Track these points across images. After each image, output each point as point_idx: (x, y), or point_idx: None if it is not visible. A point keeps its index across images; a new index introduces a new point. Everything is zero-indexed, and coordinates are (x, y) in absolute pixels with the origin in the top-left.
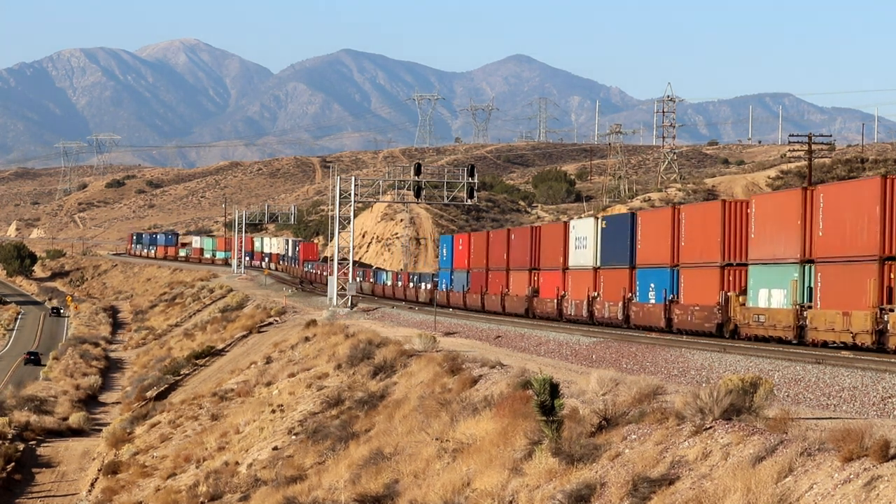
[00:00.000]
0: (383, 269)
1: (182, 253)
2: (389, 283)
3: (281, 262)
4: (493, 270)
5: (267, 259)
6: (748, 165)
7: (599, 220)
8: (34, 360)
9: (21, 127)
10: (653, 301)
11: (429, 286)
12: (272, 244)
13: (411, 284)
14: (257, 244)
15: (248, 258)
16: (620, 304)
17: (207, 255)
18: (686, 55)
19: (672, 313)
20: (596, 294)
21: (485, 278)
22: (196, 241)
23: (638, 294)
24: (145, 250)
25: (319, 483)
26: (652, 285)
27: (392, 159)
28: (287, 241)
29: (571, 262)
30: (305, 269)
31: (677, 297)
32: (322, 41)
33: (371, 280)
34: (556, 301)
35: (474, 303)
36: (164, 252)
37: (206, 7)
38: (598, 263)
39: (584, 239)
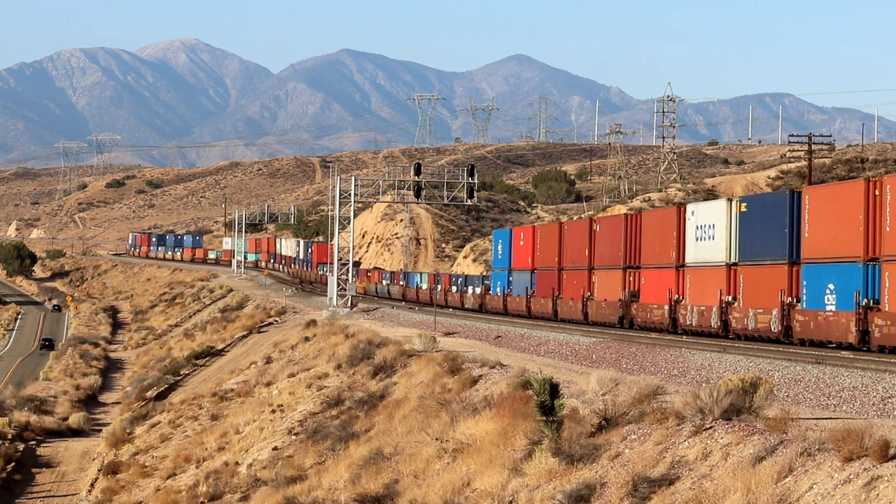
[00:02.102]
0: (416, 272)
1: (212, 255)
2: (425, 286)
3: (293, 265)
4: (568, 270)
5: (282, 262)
6: (748, 165)
7: (735, 203)
8: (49, 345)
9: (21, 127)
10: (832, 308)
11: (478, 290)
12: (286, 246)
13: (454, 288)
14: (277, 245)
15: (271, 260)
16: (776, 311)
17: (238, 258)
18: (686, 55)
19: (870, 324)
20: (731, 299)
21: (557, 280)
22: (227, 243)
23: (806, 298)
24: (169, 252)
25: (319, 483)
26: (830, 286)
27: (392, 159)
28: (299, 242)
29: (690, 258)
30: (320, 273)
31: (878, 303)
32: (322, 41)
33: (401, 283)
34: (667, 308)
35: (542, 309)
36: (191, 254)
37: (206, 7)
38: (735, 258)
39: (711, 227)
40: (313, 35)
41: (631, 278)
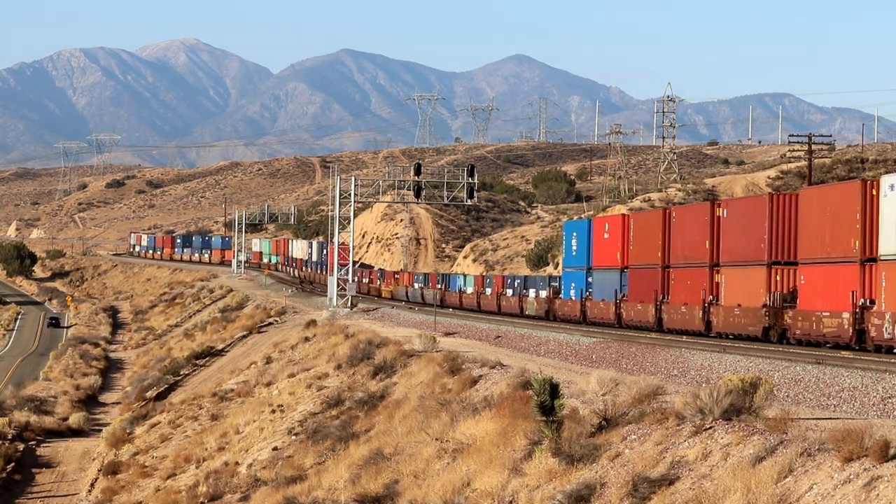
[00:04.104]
0: (458, 274)
1: (241, 257)
2: (471, 289)
3: (305, 268)
4: (679, 268)
5: (293, 265)
6: (748, 165)
7: None
8: (55, 323)
9: (21, 127)
10: None
11: (542, 293)
12: (297, 247)
13: (510, 291)
14: (289, 247)
15: (285, 263)
16: None
17: (265, 260)
18: (686, 55)
19: None
20: None
21: (661, 280)
22: (255, 245)
23: None
24: (196, 254)
25: (319, 483)
26: None
27: (392, 159)
28: (311, 243)
29: (888, 249)
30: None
31: None
32: (322, 41)
33: (440, 286)
34: (848, 316)
35: (639, 317)
36: (220, 256)
37: (206, 7)
38: None
39: None
40: (313, 35)
41: (779, 277)
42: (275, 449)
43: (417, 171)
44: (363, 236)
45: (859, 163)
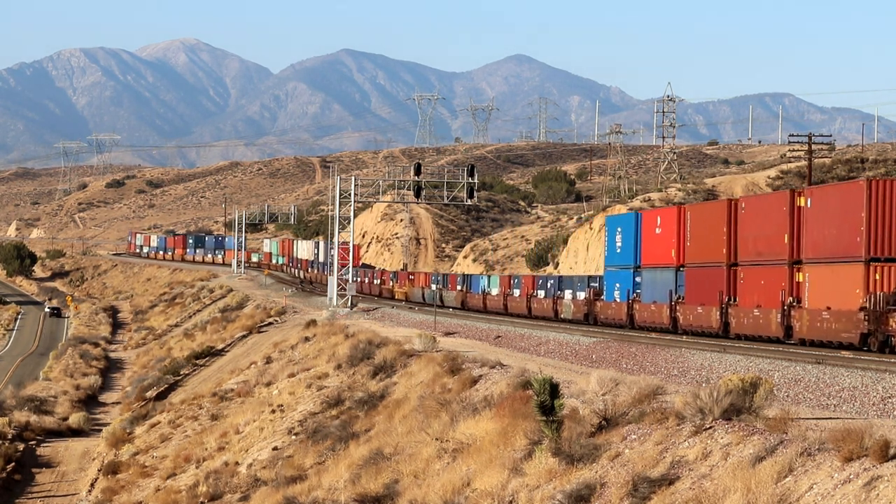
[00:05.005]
0: (481, 275)
1: (254, 258)
2: (496, 291)
3: (311, 269)
4: (749, 265)
5: (298, 266)
6: (748, 165)
7: None
8: (56, 313)
9: (21, 127)
10: None
11: (581, 295)
12: (302, 248)
13: (541, 293)
14: (294, 248)
15: (290, 264)
16: None
17: (274, 261)
18: (686, 55)
19: None
20: None
21: (727, 280)
22: (266, 246)
23: None
24: (209, 255)
25: (319, 483)
26: None
27: (392, 159)
28: (317, 243)
29: None
30: (344, 278)
31: None
32: (322, 41)
33: (460, 288)
34: None
35: (700, 322)
36: (232, 256)
37: (206, 7)
38: None
39: None
40: (313, 35)
41: (879, 275)
42: (275, 449)
43: (417, 171)
44: (363, 236)
45: (859, 163)
